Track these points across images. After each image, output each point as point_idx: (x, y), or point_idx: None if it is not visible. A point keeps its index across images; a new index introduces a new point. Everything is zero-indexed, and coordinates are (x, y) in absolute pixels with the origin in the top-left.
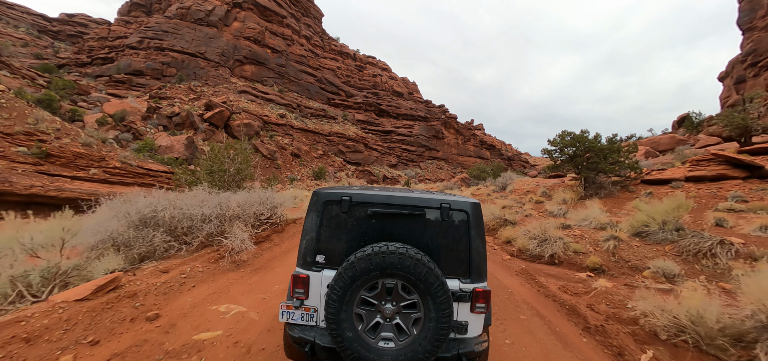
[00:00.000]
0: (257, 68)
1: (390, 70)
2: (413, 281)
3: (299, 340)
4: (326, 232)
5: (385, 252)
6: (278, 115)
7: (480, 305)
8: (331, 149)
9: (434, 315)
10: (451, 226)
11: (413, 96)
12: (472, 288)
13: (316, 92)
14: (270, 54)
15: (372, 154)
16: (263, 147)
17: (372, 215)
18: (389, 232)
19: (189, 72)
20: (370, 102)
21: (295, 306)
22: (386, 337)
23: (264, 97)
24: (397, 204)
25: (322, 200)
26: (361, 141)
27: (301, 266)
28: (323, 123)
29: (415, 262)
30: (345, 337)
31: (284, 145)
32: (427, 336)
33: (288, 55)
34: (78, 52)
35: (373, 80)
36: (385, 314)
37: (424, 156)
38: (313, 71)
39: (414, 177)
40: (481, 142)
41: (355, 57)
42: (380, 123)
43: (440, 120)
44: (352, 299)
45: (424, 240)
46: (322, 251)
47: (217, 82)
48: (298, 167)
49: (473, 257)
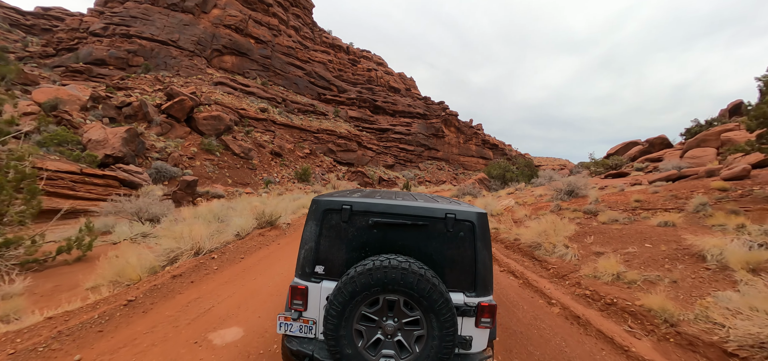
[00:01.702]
0: (239, 59)
1: (386, 65)
2: (416, 297)
3: (297, 353)
4: (326, 242)
5: (387, 267)
6: (258, 109)
7: (485, 320)
8: (319, 148)
9: (438, 333)
10: (456, 237)
11: (411, 92)
12: (477, 302)
13: (305, 87)
14: (254, 44)
15: (366, 153)
16: (235, 144)
17: (374, 225)
18: (391, 242)
19: (159, 61)
20: (364, 98)
21: (293, 318)
22: (387, 354)
23: (244, 90)
24: (400, 213)
25: (321, 208)
26: (354, 139)
27: (299, 277)
28: (312, 119)
29: (419, 277)
30: (344, 354)
31: (263, 143)
32: (430, 355)
33: (274, 46)
34: (46, 44)
35: (367, 75)
36: (387, 330)
37: (423, 156)
38: (301, 64)
39: (412, 179)
40: (483, 141)
41: (348, 50)
42: (375, 120)
43: (440, 117)
44: (351, 314)
45: (428, 251)
46: (321, 261)
47: (191, 72)
48: (279, 168)
49: (479, 270)
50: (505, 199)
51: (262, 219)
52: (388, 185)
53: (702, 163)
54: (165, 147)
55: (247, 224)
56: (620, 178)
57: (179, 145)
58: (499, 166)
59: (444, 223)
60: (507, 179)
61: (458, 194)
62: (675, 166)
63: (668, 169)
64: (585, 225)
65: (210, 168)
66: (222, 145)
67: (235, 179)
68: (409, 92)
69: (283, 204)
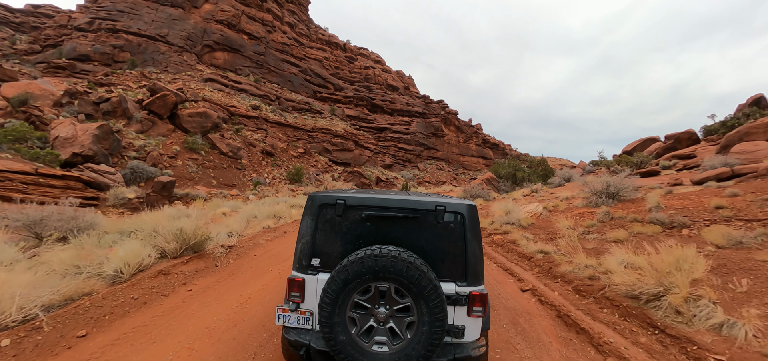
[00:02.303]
0: (231, 56)
1: (383, 62)
2: (406, 284)
3: (295, 343)
4: (321, 235)
5: (377, 255)
6: (250, 106)
7: (477, 309)
8: (314, 147)
9: (428, 319)
10: (447, 228)
11: (409, 91)
12: (468, 291)
13: (300, 84)
14: (247, 40)
15: (364, 153)
16: (223, 142)
17: (367, 218)
18: (384, 235)
19: (146, 57)
20: (361, 96)
21: (291, 309)
22: (380, 341)
23: (235, 87)
24: (392, 207)
25: (317, 204)
26: (350, 138)
27: (297, 270)
28: (307, 118)
29: (408, 265)
30: (338, 341)
31: (253, 142)
32: (421, 340)
33: (268, 42)
34: (33, 41)
35: (365, 73)
36: (379, 317)
37: (422, 156)
38: (297, 61)
39: (412, 179)
40: (483, 140)
41: (344, 48)
42: (373, 119)
43: (439, 116)
44: (345, 302)
45: (420, 243)
46: (317, 254)
47: (179, 69)
48: (270, 168)
49: (469, 260)
50: (526, 202)
51: (183, 242)
52: (387, 186)
53: (756, 158)
54: (144, 145)
55: (142, 254)
56: (651, 177)
57: (160, 143)
58: (508, 166)
59: (434, 215)
60: (518, 179)
61: (465, 197)
62: (722, 163)
63: (714, 167)
64: (716, 256)
65: (193, 168)
66: (208, 144)
67: (221, 180)
68: (408, 91)
69: (258, 209)
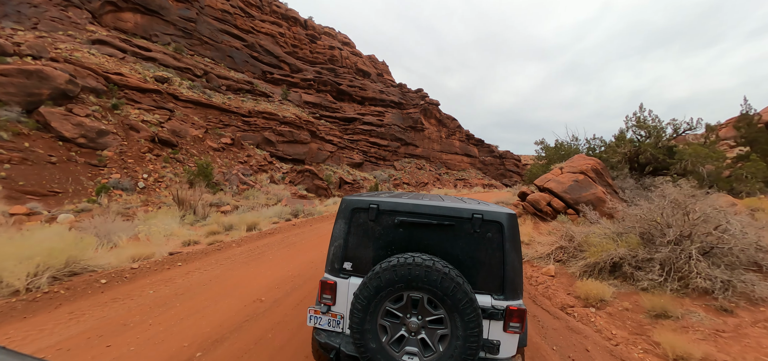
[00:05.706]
0: (146, 19)
1: (353, 45)
2: (440, 295)
3: (325, 345)
4: (354, 239)
5: (411, 264)
6: (153, 78)
7: (514, 325)
8: (248, 137)
9: (462, 333)
10: (484, 238)
11: (383, 78)
12: (505, 306)
13: (244, 61)
14: (171, 1)
15: (324, 147)
16: (66, 122)
17: (400, 224)
18: (417, 242)
19: (10, 9)
20: (324, 79)
21: (322, 312)
22: (410, 351)
23: (140, 55)
24: (427, 213)
25: (350, 208)
26: (305, 127)
27: (329, 272)
28: (245, 99)
29: (443, 276)
30: (368, 347)
31: (139, 125)
32: (454, 355)
33: (202, 7)
34: None
35: (329, 54)
36: (410, 327)
37: (399, 153)
38: (241, 34)
39: (386, 180)
40: (467, 136)
41: (306, 24)
42: (339, 107)
43: (419, 107)
44: (376, 309)
45: (455, 252)
46: (349, 258)
47: (58, 26)
48: (162, 163)
49: (507, 273)
50: None
51: None
52: (354, 189)
53: None
54: None
55: None
56: None
57: None
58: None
59: (471, 223)
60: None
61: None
62: None
63: None
64: None
65: None
66: (34, 123)
67: (34, 183)
68: (381, 77)
69: None
